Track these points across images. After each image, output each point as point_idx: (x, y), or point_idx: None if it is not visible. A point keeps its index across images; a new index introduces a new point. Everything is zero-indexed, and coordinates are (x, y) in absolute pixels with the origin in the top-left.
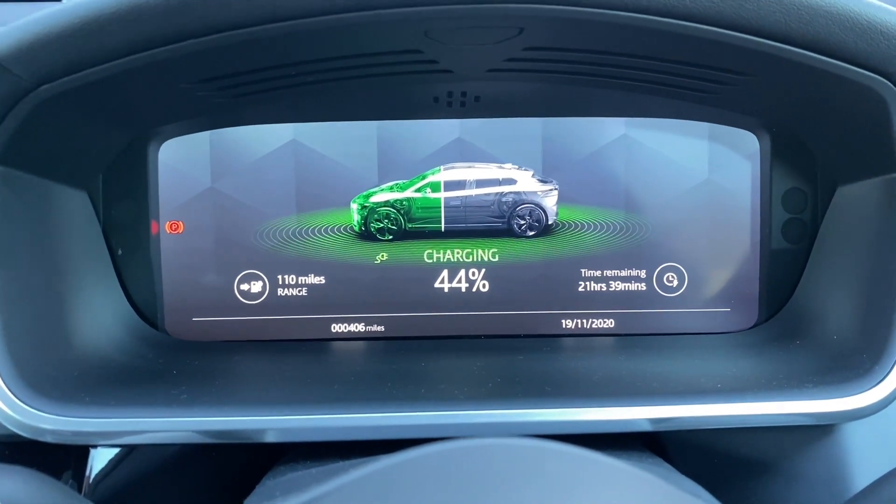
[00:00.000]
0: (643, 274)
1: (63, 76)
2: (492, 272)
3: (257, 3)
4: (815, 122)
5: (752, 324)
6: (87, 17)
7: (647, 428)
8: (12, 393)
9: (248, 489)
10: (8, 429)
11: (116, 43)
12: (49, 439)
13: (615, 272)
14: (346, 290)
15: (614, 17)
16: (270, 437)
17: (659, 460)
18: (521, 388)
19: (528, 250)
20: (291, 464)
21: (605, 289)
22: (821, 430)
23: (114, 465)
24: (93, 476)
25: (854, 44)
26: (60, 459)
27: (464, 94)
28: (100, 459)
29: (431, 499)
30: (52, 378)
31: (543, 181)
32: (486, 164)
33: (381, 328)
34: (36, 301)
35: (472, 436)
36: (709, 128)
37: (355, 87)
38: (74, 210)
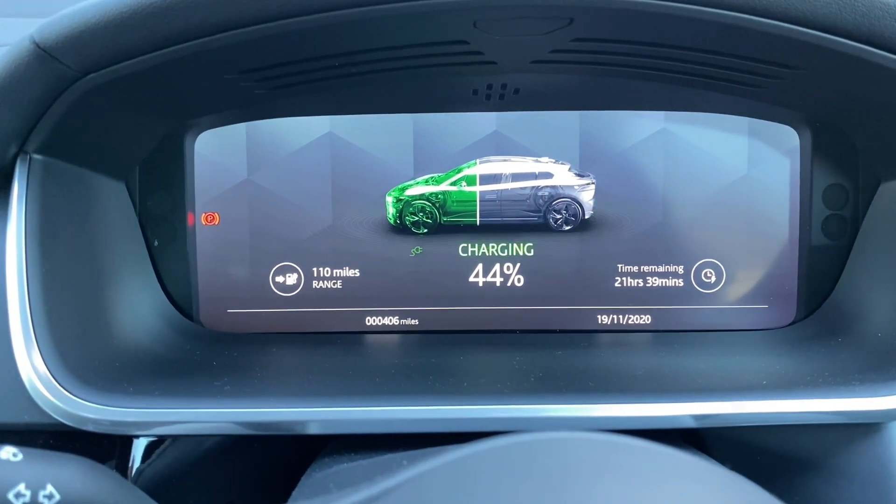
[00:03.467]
0: (680, 270)
1: (109, 65)
2: (527, 266)
3: None
4: (860, 116)
5: (790, 321)
6: (136, 6)
7: (692, 424)
8: (57, 382)
9: (288, 480)
10: (54, 418)
11: (165, 32)
12: (92, 428)
13: (652, 268)
14: (381, 283)
15: (666, 9)
16: (315, 429)
17: (705, 456)
18: (563, 383)
19: (563, 245)
20: (335, 456)
21: (641, 284)
22: (866, 428)
23: (156, 456)
24: (136, 467)
25: None
26: (104, 449)
27: (504, 86)
28: (142, 450)
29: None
30: (95, 368)
31: (580, 175)
32: (522, 157)
33: (415, 321)
34: (77, 292)
35: (519, 430)
36: (748, 123)
37: (394, 79)
38: (112, 201)
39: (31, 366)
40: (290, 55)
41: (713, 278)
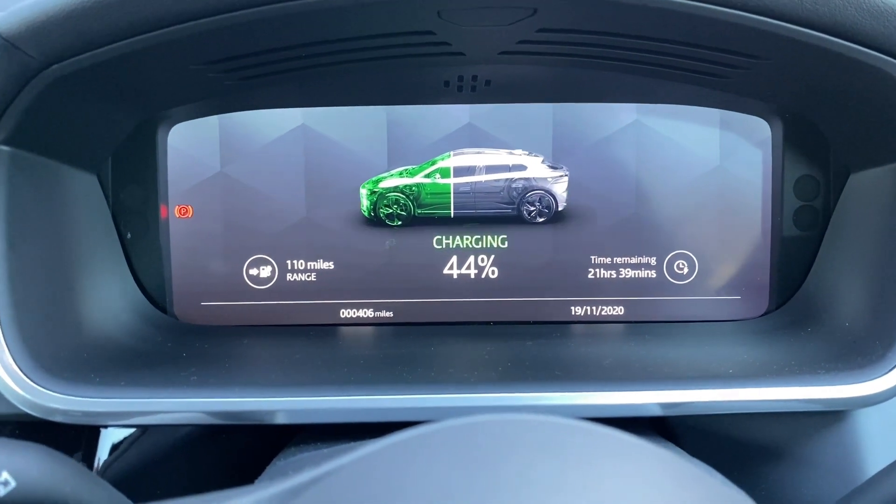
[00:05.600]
0: (653, 261)
1: (74, 56)
2: (501, 258)
3: None
4: (828, 107)
5: (762, 311)
6: None
7: (658, 413)
8: (23, 373)
9: (257, 472)
10: (19, 409)
11: (128, 22)
12: (59, 419)
13: (625, 259)
14: (355, 276)
15: None
16: (281, 419)
17: (670, 445)
18: (530, 372)
19: (537, 237)
20: (302, 445)
21: (614, 276)
22: (832, 417)
23: (124, 447)
24: (103, 458)
25: (871, 26)
26: (71, 441)
27: (474, 78)
28: (110, 442)
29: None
30: (63, 359)
31: (554, 167)
32: (496, 149)
33: (389, 314)
34: (46, 283)
35: None
36: (720, 115)
37: (365, 70)
38: (84, 193)
39: None
40: (253, 45)
41: (686, 269)
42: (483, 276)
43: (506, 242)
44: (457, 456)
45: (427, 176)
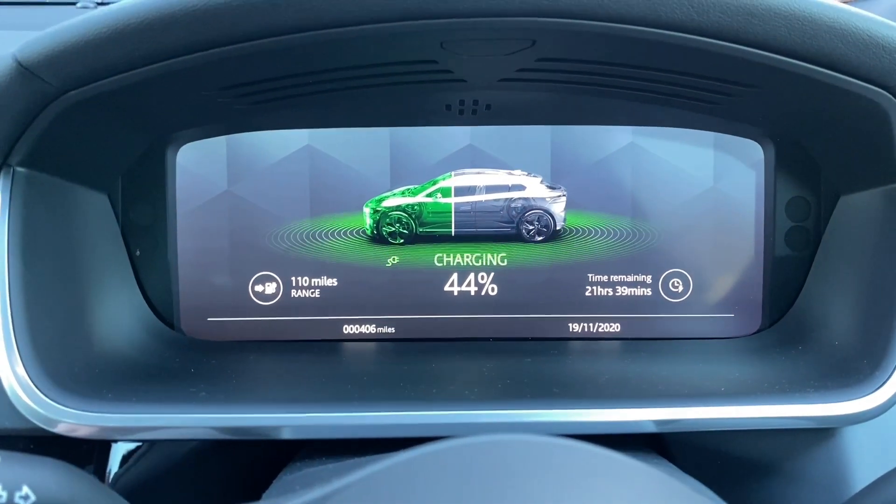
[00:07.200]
0: (649, 279)
1: (89, 83)
2: (500, 276)
3: (280, 15)
4: (818, 132)
5: (755, 329)
6: (115, 26)
7: (653, 429)
8: (37, 388)
9: (264, 485)
10: (33, 423)
11: (143, 51)
12: (69, 433)
13: (621, 277)
14: (358, 293)
15: (625, 31)
16: (287, 434)
17: (663, 460)
18: (529, 389)
19: (536, 255)
20: (307, 460)
21: (611, 294)
22: (821, 434)
23: (134, 460)
24: (113, 471)
25: (856, 58)
26: (83, 454)
27: (475, 102)
28: (120, 454)
29: (454, 492)
30: (75, 374)
31: (552, 187)
32: (495, 170)
33: (391, 330)
34: (59, 300)
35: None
36: (714, 137)
37: (370, 94)
38: (95, 212)
39: (12, 372)
40: (264, 73)
41: (680, 288)
42: (483, 293)
43: (505, 260)
44: (460, 476)
45: (429, 195)
